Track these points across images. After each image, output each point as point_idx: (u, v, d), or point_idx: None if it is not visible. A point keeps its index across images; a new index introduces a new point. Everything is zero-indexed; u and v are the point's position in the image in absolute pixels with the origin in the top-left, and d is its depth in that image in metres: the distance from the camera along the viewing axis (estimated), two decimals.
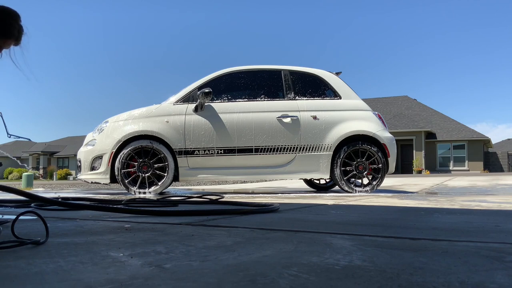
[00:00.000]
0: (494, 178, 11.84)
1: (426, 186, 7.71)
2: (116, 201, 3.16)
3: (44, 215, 1.60)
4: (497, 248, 1.39)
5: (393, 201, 3.74)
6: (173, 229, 1.87)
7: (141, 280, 0.98)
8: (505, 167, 31.70)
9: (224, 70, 5.55)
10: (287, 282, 0.96)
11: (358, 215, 2.54)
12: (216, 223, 2.10)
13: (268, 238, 1.62)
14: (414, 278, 1.00)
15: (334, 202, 3.62)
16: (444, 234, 1.75)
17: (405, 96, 36.66)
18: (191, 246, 1.43)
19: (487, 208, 3.01)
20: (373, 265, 1.13)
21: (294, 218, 2.37)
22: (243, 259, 1.22)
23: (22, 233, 1.57)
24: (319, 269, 1.08)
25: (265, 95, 5.46)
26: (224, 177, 5.38)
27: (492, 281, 0.97)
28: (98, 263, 1.16)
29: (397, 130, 28.94)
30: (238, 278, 1.00)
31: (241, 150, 5.21)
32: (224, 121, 5.21)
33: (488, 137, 31.06)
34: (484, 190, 5.90)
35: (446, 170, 30.21)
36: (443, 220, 2.27)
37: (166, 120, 5.18)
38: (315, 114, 5.36)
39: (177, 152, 5.12)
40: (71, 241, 1.56)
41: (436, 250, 1.36)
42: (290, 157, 5.28)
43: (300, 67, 5.69)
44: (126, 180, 5.01)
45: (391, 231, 1.82)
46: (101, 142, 5.18)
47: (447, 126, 31.81)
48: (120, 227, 1.96)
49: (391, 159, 5.35)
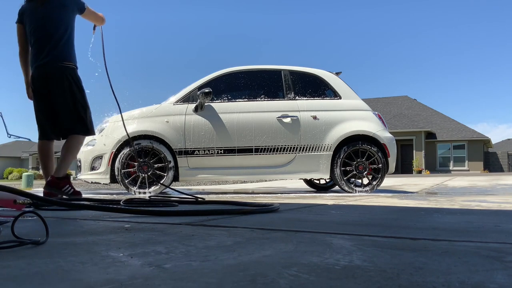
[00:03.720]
0: (494, 178, 11.84)
1: (426, 186, 7.70)
2: (116, 201, 3.16)
3: (44, 215, 1.60)
4: (497, 248, 1.39)
5: (393, 201, 3.74)
6: (173, 229, 1.87)
7: (141, 280, 0.98)
8: (505, 167, 31.70)
9: (224, 70, 5.55)
10: (287, 282, 0.96)
11: (358, 215, 2.54)
12: (216, 223, 2.10)
13: (268, 238, 1.62)
14: (414, 278, 1.00)
15: (334, 202, 3.62)
16: (444, 234, 1.74)
17: (405, 96, 36.66)
18: (191, 246, 1.43)
19: (487, 208, 3.01)
20: (373, 265, 1.13)
21: (294, 218, 2.37)
22: (243, 259, 1.22)
23: (22, 233, 1.57)
24: (319, 269, 1.08)
25: (265, 95, 5.46)
26: (224, 177, 5.38)
27: (492, 281, 0.97)
28: (98, 263, 1.16)
29: (397, 130, 28.94)
30: (238, 278, 1.00)
31: (241, 150, 5.21)
32: (224, 121, 5.21)
33: (488, 137, 31.07)
34: (484, 190, 5.90)
35: (446, 170, 30.21)
36: (443, 220, 2.27)
37: (166, 120, 5.18)
38: (315, 114, 5.36)
39: (177, 152, 5.12)
40: (71, 241, 1.56)
41: (436, 250, 1.36)
42: (290, 157, 5.28)
43: (300, 67, 5.69)
44: (126, 180, 5.01)
45: (391, 231, 1.82)
46: (101, 142, 5.18)
47: (447, 126, 31.81)
48: (120, 227, 1.96)
49: (391, 159, 5.36)
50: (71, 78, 3.58)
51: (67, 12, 3.63)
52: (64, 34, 3.59)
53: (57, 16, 3.58)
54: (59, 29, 3.57)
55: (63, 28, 3.59)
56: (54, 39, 3.55)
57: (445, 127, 31.77)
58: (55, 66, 3.54)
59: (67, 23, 3.62)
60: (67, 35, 3.61)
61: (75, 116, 3.60)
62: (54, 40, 3.55)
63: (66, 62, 3.58)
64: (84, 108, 3.66)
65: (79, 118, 3.62)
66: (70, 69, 3.60)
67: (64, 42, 3.59)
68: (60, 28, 3.57)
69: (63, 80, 3.53)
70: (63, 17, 3.60)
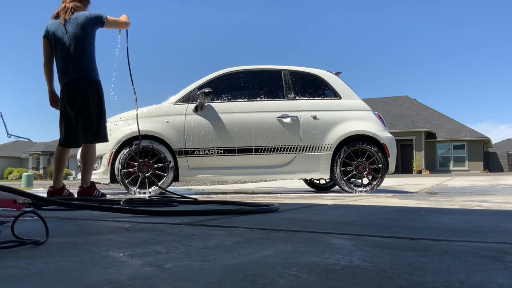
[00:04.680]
0: (494, 178, 11.84)
1: (426, 186, 7.70)
2: (116, 201, 3.16)
3: (44, 215, 1.60)
4: (497, 248, 1.39)
5: (393, 201, 3.74)
6: (173, 229, 1.87)
7: (141, 280, 0.98)
8: (505, 167, 31.70)
9: (224, 70, 5.55)
10: (287, 282, 0.96)
11: (358, 215, 2.54)
12: (216, 223, 2.10)
13: (268, 238, 1.62)
14: (414, 278, 1.00)
15: (334, 202, 3.62)
16: (444, 234, 1.75)
17: (405, 96, 36.67)
18: (191, 246, 1.43)
19: (487, 208, 3.01)
20: (373, 265, 1.13)
21: (294, 218, 2.37)
22: (243, 259, 1.22)
23: (22, 233, 1.57)
24: (319, 269, 1.08)
25: (265, 95, 5.46)
26: (224, 177, 5.38)
27: (492, 281, 0.97)
28: (98, 263, 1.16)
29: (397, 130, 28.94)
30: (238, 278, 1.00)
31: (241, 150, 5.21)
32: (224, 121, 5.21)
33: (488, 137, 31.07)
34: (484, 190, 5.90)
35: (446, 170, 30.21)
36: (443, 220, 2.27)
37: (166, 120, 5.18)
38: (315, 114, 5.36)
39: (177, 152, 5.12)
40: (71, 241, 1.56)
41: (436, 250, 1.36)
42: (290, 157, 5.28)
43: (300, 67, 5.69)
44: (126, 180, 5.01)
45: (391, 231, 1.82)
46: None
47: (447, 126, 31.81)
48: (120, 227, 1.96)
49: (391, 159, 5.35)
50: (96, 92, 3.86)
51: (87, 30, 3.85)
52: (86, 51, 3.83)
53: (78, 34, 3.81)
54: (81, 46, 3.81)
55: (85, 46, 3.83)
56: (77, 56, 3.80)
57: (445, 127, 31.77)
58: (81, 83, 3.82)
59: (88, 40, 3.85)
60: (89, 52, 3.86)
61: (95, 128, 3.88)
62: (78, 57, 3.80)
63: (90, 77, 3.85)
64: (103, 119, 3.96)
65: (98, 129, 3.90)
66: (94, 83, 3.88)
67: (87, 58, 3.84)
68: (82, 46, 3.82)
69: (89, 95, 3.82)
70: (84, 35, 3.83)
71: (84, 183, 3.95)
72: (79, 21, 3.82)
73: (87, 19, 3.84)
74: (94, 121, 3.84)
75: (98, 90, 3.88)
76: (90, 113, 3.82)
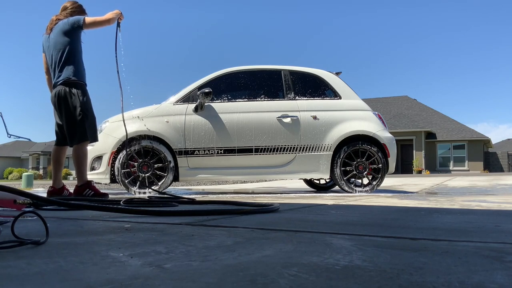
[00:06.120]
0: (494, 178, 11.84)
1: (426, 186, 7.70)
2: (116, 201, 3.16)
3: (44, 215, 1.60)
4: (497, 248, 1.39)
5: (393, 201, 3.74)
6: (173, 229, 1.87)
7: (141, 280, 0.98)
8: (505, 167, 31.69)
9: (224, 70, 5.55)
10: (287, 282, 0.96)
11: (358, 215, 2.54)
12: (216, 223, 2.10)
13: (268, 238, 1.62)
14: (414, 278, 1.00)
15: (334, 202, 3.62)
16: (444, 234, 1.75)
17: (405, 96, 36.66)
18: (191, 246, 1.43)
19: (487, 208, 3.01)
20: (373, 265, 1.13)
21: (294, 218, 2.37)
22: (243, 259, 1.22)
23: (22, 233, 1.57)
24: (319, 269, 1.08)
25: (265, 95, 5.46)
26: (224, 177, 5.38)
27: (492, 281, 0.97)
28: (98, 263, 1.16)
29: (397, 130, 28.94)
30: (238, 278, 1.00)
31: (241, 150, 5.21)
32: (224, 121, 5.21)
33: (488, 137, 31.06)
34: (484, 190, 5.90)
35: (446, 170, 30.20)
36: (443, 220, 2.27)
37: (166, 120, 5.18)
38: (315, 114, 5.36)
39: (177, 152, 5.12)
40: (71, 241, 1.56)
41: (436, 250, 1.36)
42: (290, 157, 5.28)
43: (300, 67, 5.69)
44: (126, 180, 5.01)
45: (391, 231, 1.82)
46: (101, 142, 5.17)
47: (447, 126, 31.80)
48: (120, 227, 1.96)
49: (391, 159, 5.35)
50: (77, 94, 3.96)
51: (67, 35, 4.01)
52: (65, 54, 3.99)
53: (58, 40, 4.01)
54: (60, 51, 4.00)
55: (64, 50, 3.99)
56: (59, 61, 4.00)
57: (445, 127, 31.77)
58: (61, 85, 3.98)
59: (67, 44, 4.00)
60: (71, 55, 4.00)
61: (79, 129, 3.98)
62: (59, 62, 4.00)
63: (72, 80, 3.98)
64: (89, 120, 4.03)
65: (82, 130, 3.99)
66: (75, 85, 3.99)
67: (70, 62, 3.99)
68: (61, 50, 4.00)
69: (68, 98, 3.95)
70: (63, 40, 4.00)
71: (78, 182, 4.05)
72: (59, 28, 4.03)
73: (66, 24, 4.02)
74: (76, 123, 3.94)
75: (80, 92, 3.97)
76: (72, 115, 3.95)
